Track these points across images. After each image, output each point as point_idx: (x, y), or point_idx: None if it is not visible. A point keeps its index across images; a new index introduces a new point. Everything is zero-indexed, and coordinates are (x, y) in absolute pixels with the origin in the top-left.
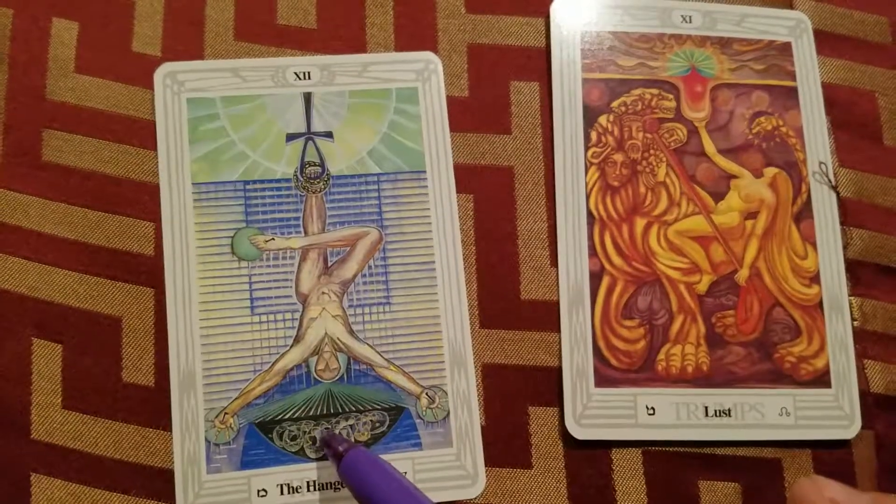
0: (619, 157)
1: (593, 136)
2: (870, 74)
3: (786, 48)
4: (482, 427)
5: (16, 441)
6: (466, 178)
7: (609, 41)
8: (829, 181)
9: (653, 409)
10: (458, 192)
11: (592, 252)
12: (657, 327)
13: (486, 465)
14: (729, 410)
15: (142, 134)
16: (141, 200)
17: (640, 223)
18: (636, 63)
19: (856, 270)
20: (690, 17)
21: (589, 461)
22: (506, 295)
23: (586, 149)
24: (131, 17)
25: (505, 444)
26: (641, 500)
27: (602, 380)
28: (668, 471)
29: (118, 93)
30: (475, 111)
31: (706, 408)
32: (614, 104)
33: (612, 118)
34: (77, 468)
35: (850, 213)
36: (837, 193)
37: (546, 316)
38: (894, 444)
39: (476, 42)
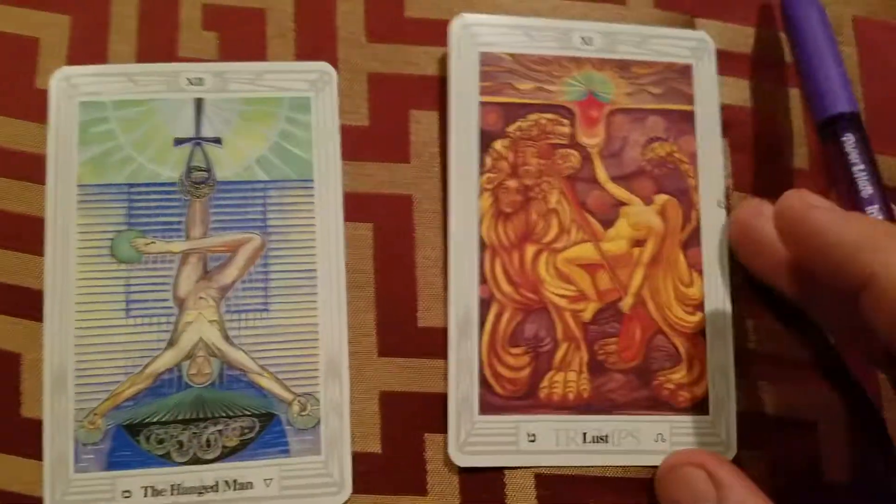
0: (512, 184)
1: (488, 161)
2: (770, 94)
3: (685, 70)
4: (381, 455)
5: None
6: (366, 206)
7: (508, 63)
8: (723, 204)
9: (534, 435)
10: (358, 221)
11: (483, 279)
12: (542, 354)
13: (384, 494)
14: (606, 437)
15: (29, 167)
16: (25, 234)
17: (530, 250)
18: (534, 87)
19: (745, 294)
20: (591, 38)
21: (482, 485)
22: (403, 323)
23: (480, 174)
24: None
25: (403, 472)
26: None
27: (487, 407)
28: (561, 493)
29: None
30: (375, 140)
31: (584, 434)
32: (510, 129)
33: (507, 143)
34: None
35: None
36: None
37: (442, 343)
38: (783, 466)
39: (376, 71)
